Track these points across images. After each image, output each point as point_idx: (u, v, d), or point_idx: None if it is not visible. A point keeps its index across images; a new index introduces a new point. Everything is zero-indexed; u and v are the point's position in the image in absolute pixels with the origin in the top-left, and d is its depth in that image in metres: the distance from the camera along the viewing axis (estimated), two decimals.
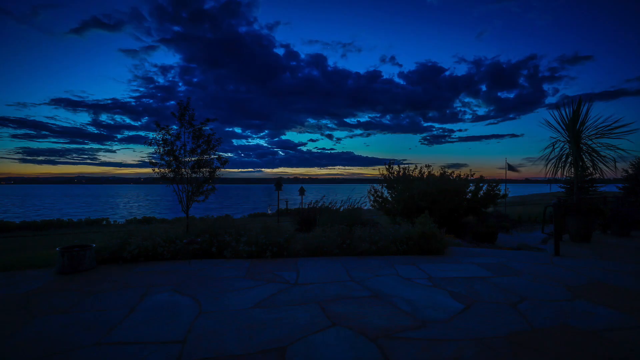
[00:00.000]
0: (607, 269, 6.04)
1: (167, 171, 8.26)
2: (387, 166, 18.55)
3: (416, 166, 18.61)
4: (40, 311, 3.98)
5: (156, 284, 5.02)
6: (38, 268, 6.03)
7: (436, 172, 18.38)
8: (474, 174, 19.02)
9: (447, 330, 3.44)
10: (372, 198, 18.08)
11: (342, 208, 10.64)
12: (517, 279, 5.39)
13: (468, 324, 3.59)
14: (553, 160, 9.47)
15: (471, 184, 18.53)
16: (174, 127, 8.37)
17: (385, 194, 18.12)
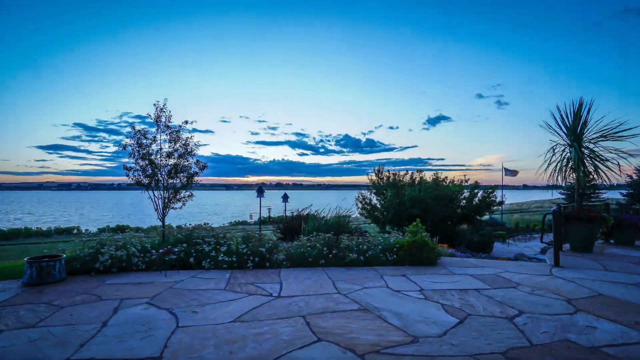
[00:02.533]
0: (611, 281, 6.07)
1: (142, 177, 8.28)
2: (375, 171, 18.63)
3: (407, 171, 18.68)
4: (7, 326, 3.99)
5: (130, 297, 5.05)
6: (4, 280, 5.99)
7: (428, 177, 18.58)
8: (468, 179, 19.26)
9: (440, 346, 3.47)
10: (360, 205, 18.18)
11: (328, 216, 10.72)
12: (514, 291, 5.43)
13: (462, 339, 3.62)
14: (553, 165, 9.40)
15: (465, 190, 18.75)
16: (152, 130, 8.41)
17: (374, 201, 18.24)
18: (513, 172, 39.91)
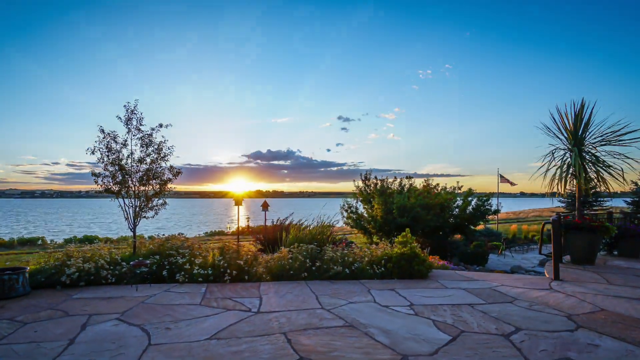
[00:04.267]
0: (614, 295, 6.10)
1: (111, 183, 8.30)
2: (362, 177, 18.69)
3: (395, 178, 18.75)
4: None
5: (99, 312, 5.08)
6: None
7: (418, 184, 18.74)
8: (461, 186, 19.44)
9: None
10: (345, 214, 18.21)
11: (311, 225, 10.80)
12: (511, 307, 5.48)
13: (455, 358, 3.67)
14: (552, 171, 9.39)
15: (458, 198, 18.94)
16: (123, 133, 8.44)
17: (361, 209, 18.30)
18: (508, 182, 40.36)
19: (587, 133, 9.25)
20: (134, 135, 8.49)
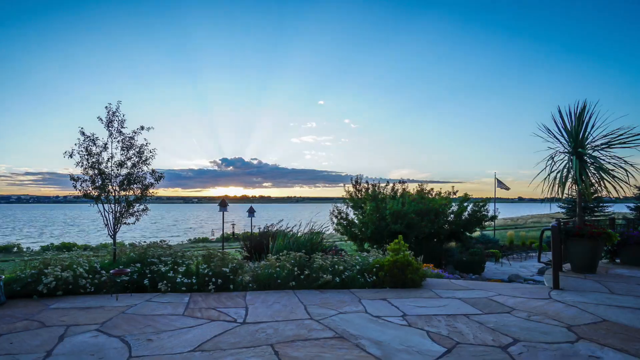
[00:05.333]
0: (616, 305, 6.09)
1: (90, 188, 8.30)
2: (353, 182, 18.70)
3: (388, 183, 18.80)
4: None
5: (78, 323, 5.08)
6: None
7: (412, 189, 18.82)
8: (457, 191, 19.53)
9: None
10: (335, 220, 18.17)
11: (299, 232, 10.84)
12: (509, 317, 5.49)
13: None
14: (552, 175, 9.33)
15: (454, 203, 19.03)
16: (103, 136, 8.45)
17: (351, 215, 18.26)
18: (502, 185, 40.67)
19: (589, 135, 9.21)
20: (114, 138, 8.50)
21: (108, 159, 8.43)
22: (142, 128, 8.67)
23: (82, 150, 8.25)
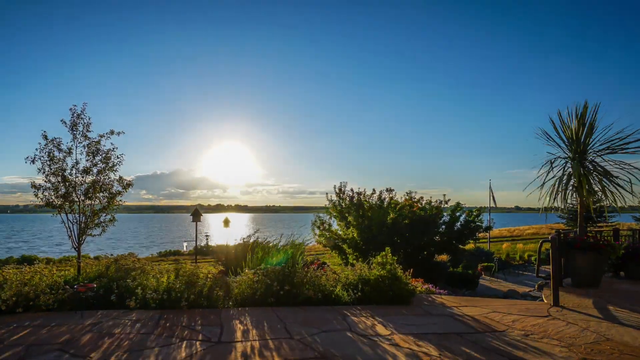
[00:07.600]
0: (620, 323, 6.14)
1: (53, 196, 8.28)
2: (336, 190, 18.68)
3: (374, 190, 18.79)
4: None
5: (39, 343, 5.09)
6: None
7: (400, 197, 18.88)
8: (448, 200, 19.63)
9: None
10: (317, 231, 18.12)
11: (279, 244, 10.88)
12: (504, 336, 5.55)
13: None
14: (551, 182, 9.30)
15: (445, 213, 19.14)
16: (67, 140, 8.44)
17: (335, 226, 18.19)
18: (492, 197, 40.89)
19: (591, 140, 9.16)
20: (79, 143, 8.49)
21: (73, 165, 8.42)
22: (112, 132, 8.65)
23: (44, 156, 8.23)
